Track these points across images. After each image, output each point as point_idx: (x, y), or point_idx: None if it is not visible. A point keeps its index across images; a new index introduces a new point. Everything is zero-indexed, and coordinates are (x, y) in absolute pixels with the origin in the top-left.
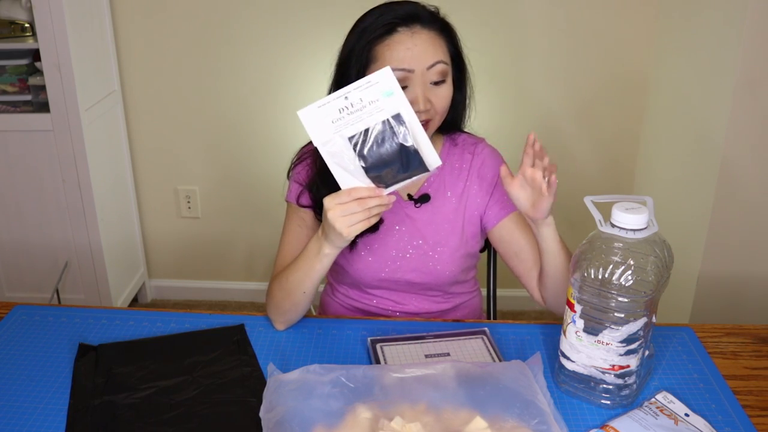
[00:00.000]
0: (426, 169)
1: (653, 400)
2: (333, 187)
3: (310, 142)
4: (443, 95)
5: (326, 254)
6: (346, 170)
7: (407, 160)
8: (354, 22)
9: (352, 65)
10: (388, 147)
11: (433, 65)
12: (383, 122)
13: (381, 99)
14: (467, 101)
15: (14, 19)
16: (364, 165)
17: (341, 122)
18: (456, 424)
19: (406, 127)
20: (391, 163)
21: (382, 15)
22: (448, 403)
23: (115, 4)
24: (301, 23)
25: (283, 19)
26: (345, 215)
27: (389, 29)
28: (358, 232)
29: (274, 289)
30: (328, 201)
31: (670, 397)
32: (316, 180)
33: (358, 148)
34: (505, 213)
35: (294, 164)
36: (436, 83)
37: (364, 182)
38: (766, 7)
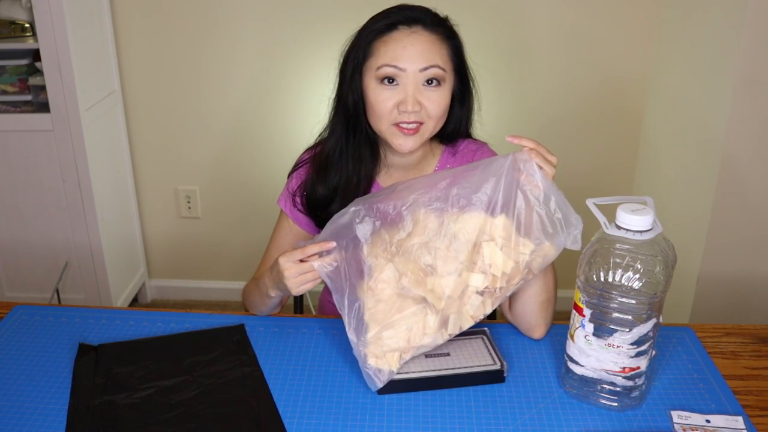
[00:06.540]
0: None
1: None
2: (327, 186)
3: (307, 150)
4: (436, 99)
5: (271, 297)
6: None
7: None
8: (354, 21)
9: (350, 59)
10: None
11: (426, 68)
12: None
13: None
14: (471, 115)
15: (14, 19)
16: None
17: None
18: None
19: None
20: None
21: (389, 15)
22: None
23: (115, 4)
24: (301, 24)
25: (283, 20)
26: (298, 275)
27: (390, 27)
28: (306, 291)
29: (246, 292)
30: (283, 260)
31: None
32: (311, 179)
33: None
34: None
35: (290, 172)
36: (429, 84)
37: None
38: (766, 7)
